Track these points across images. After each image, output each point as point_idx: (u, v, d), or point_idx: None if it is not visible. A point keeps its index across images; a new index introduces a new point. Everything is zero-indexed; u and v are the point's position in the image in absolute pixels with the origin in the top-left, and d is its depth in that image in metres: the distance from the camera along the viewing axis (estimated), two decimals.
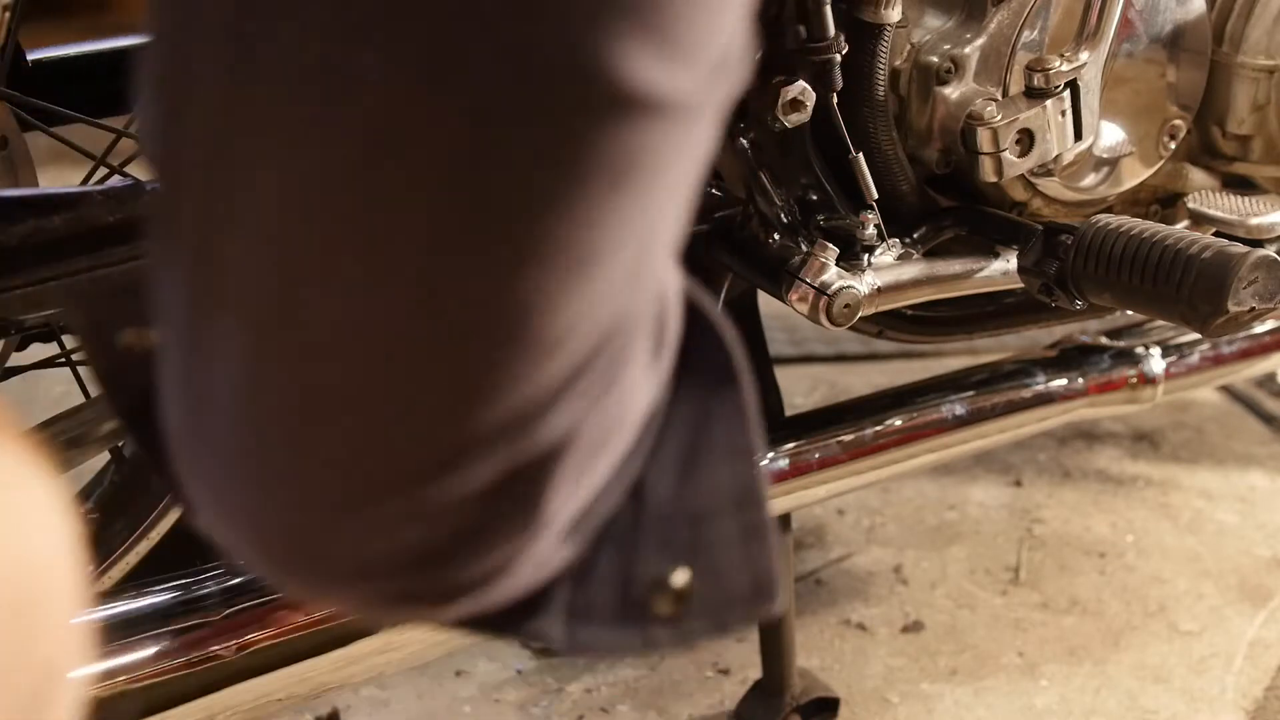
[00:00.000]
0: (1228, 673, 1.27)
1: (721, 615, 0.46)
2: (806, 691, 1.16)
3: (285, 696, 0.80)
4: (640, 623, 0.45)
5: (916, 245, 0.99)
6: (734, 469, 0.46)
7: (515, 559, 0.41)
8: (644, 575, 0.45)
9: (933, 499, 1.56)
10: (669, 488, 0.45)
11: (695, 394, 0.46)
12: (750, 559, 0.46)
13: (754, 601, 0.46)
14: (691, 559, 0.45)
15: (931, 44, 0.97)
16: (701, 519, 0.45)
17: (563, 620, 0.45)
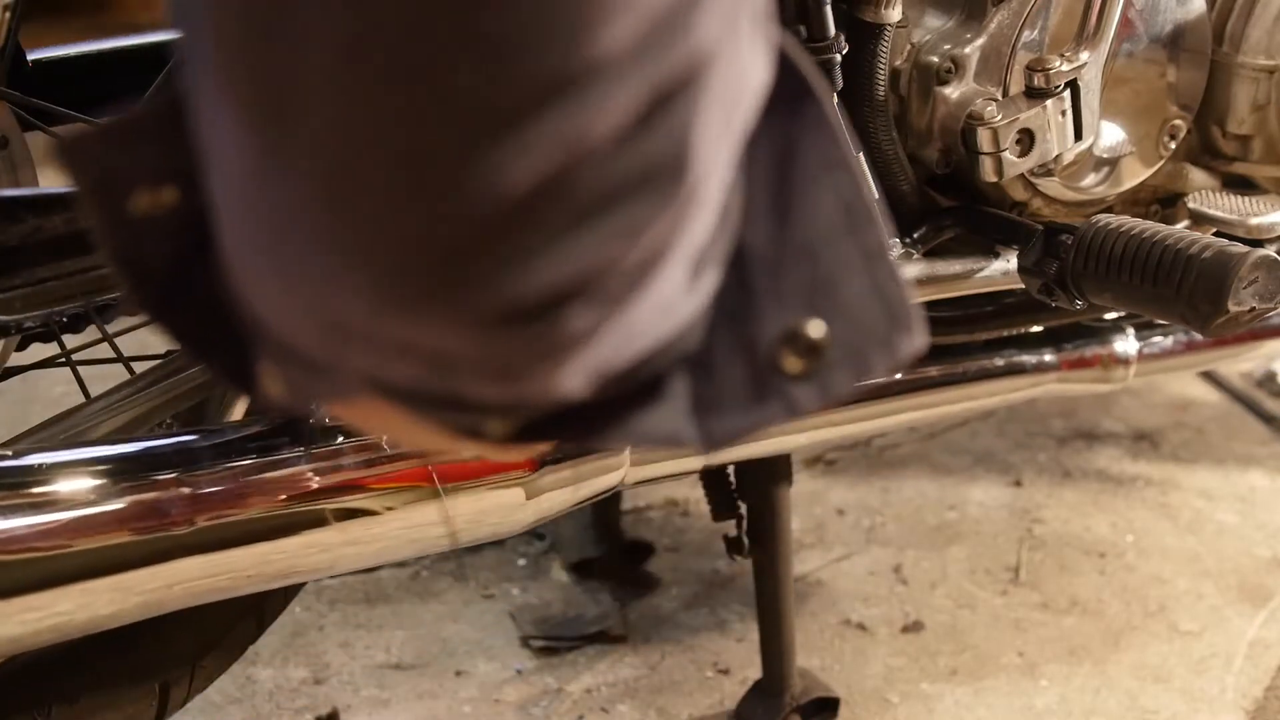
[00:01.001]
0: (1228, 673, 1.27)
1: (861, 357, 0.40)
2: (806, 691, 1.16)
3: (253, 573, 0.80)
4: (778, 389, 0.40)
5: (916, 245, 0.99)
6: (835, 184, 0.40)
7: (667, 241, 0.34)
8: (767, 336, 0.40)
9: (933, 499, 1.56)
10: (768, 232, 0.40)
11: (768, 120, 0.39)
12: (877, 285, 0.40)
13: (892, 334, 0.40)
14: (813, 302, 0.40)
15: (932, 44, 0.97)
16: (813, 252, 0.40)
17: (689, 416, 0.40)
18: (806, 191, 0.40)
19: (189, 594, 0.79)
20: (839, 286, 0.40)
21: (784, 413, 0.40)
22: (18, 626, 0.74)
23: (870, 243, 0.40)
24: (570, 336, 0.34)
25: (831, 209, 0.40)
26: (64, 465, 0.76)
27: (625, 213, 0.33)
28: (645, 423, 0.40)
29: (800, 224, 0.40)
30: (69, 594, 0.75)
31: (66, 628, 0.76)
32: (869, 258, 0.40)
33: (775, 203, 0.40)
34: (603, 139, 0.31)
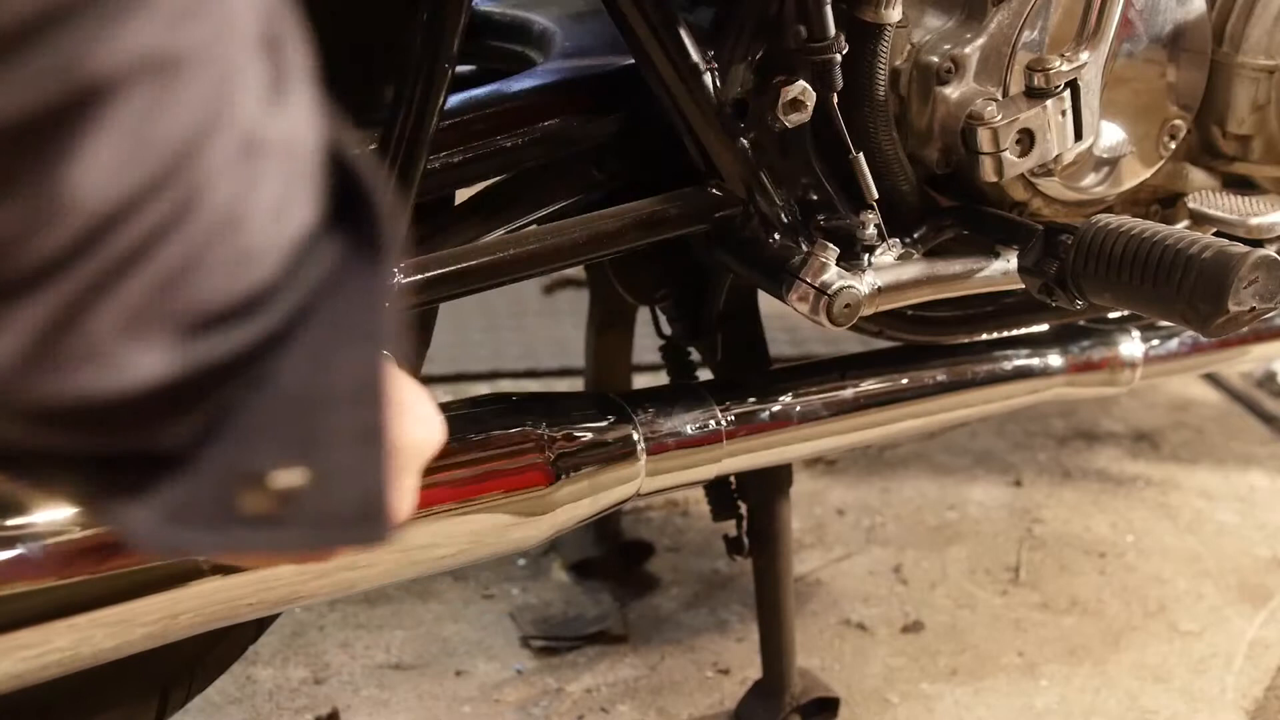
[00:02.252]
0: (1228, 673, 1.27)
1: (321, 526, 0.41)
2: (806, 691, 1.16)
3: (254, 601, 0.79)
4: (228, 522, 0.40)
5: (917, 245, 0.99)
6: (358, 354, 0.41)
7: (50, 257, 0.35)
8: (243, 469, 0.40)
9: (933, 499, 1.56)
10: (299, 376, 0.40)
11: (348, 277, 0.41)
12: (363, 467, 0.41)
13: (360, 520, 0.41)
14: (302, 454, 0.40)
15: (932, 44, 0.97)
16: (317, 408, 0.40)
17: (158, 513, 0.40)
18: (338, 352, 0.41)
19: (192, 624, 0.79)
20: (327, 452, 0.41)
21: (227, 546, 0.41)
22: (20, 664, 0.73)
23: (369, 423, 0.41)
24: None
25: (348, 376, 0.41)
26: None
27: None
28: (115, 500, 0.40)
29: (321, 380, 0.41)
30: (87, 621, 0.74)
31: (71, 662, 0.76)
32: (364, 437, 0.41)
33: (316, 352, 0.41)
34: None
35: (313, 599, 0.84)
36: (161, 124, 0.35)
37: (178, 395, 0.39)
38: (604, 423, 0.94)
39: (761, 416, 1.01)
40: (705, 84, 0.91)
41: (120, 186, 0.35)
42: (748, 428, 1.01)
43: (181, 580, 0.76)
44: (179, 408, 0.39)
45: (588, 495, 0.91)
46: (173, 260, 0.37)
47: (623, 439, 0.94)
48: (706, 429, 0.99)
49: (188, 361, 0.38)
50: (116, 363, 0.37)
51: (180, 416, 0.40)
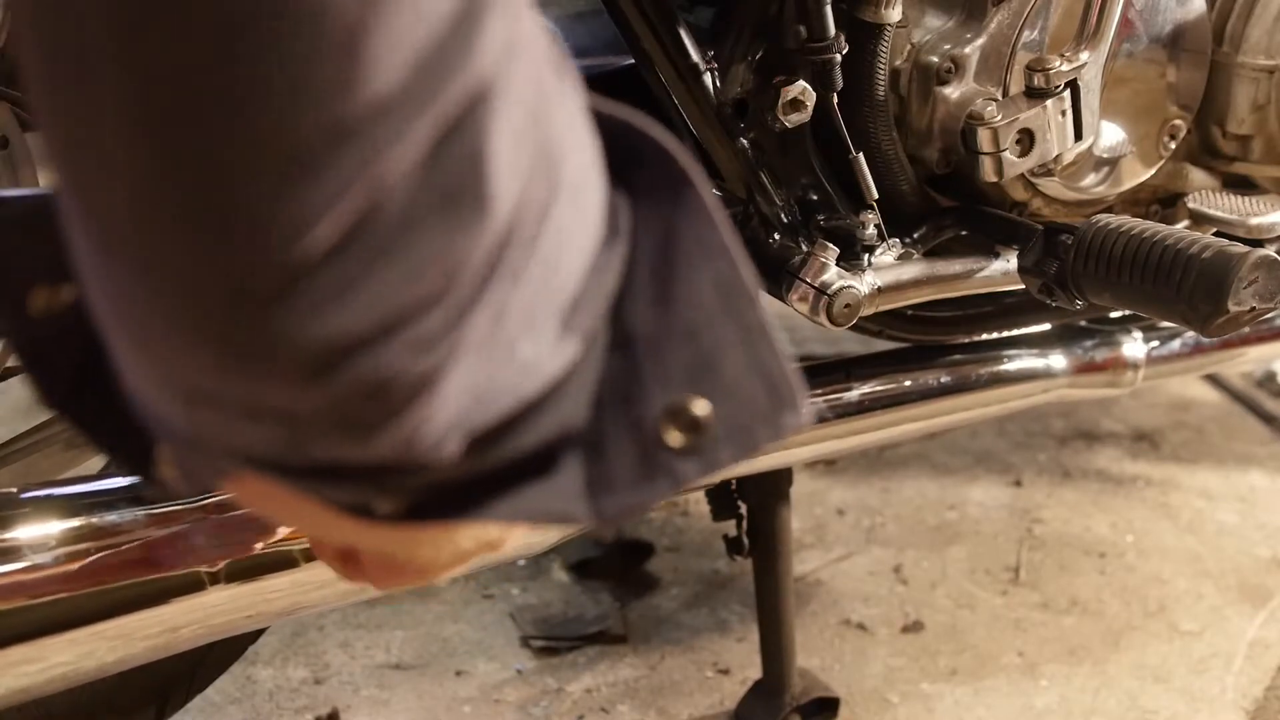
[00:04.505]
0: (1228, 673, 1.27)
1: (745, 432, 0.42)
2: (806, 691, 1.16)
3: (254, 613, 0.79)
4: (664, 465, 0.41)
5: (917, 245, 0.99)
6: (713, 268, 0.41)
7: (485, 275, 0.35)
8: (652, 413, 0.41)
9: (933, 499, 1.56)
10: (651, 316, 0.41)
11: (649, 209, 0.42)
12: (758, 362, 0.42)
13: (775, 411, 0.42)
14: (695, 380, 0.41)
15: (932, 44, 0.97)
16: (694, 333, 0.41)
17: (582, 495, 0.41)
18: (686, 276, 0.41)
19: (194, 636, 0.79)
20: (720, 365, 0.41)
21: (670, 487, 0.41)
22: (24, 679, 0.73)
23: (750, 322, 0.42)
24: (399, 378, 0.34)
25: (710, 292, 0.41)
26: (66, 502, 0.75)
27: (429, 244, 0.33)
28: (537, 500, 0.41)
29: (681, 307, 0.41)
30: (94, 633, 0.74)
31: (74, 676, 0.75)
32: (749, 337, 0.42)
33: (657, 287, 0.41)
34: (395, 175, 0.32)
35: (314, 609, 0.83)
36: (522, 108, 0.35)
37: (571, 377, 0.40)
38: None
39: None
40: (705, 84, 0.91)
41: (517, 179, 0.35)
42: None
43: (182, 593, 0.76)
44: (573, 384, 0.40)
45: None
46: (551, 242, 0.37)
47: None
48: None
49: (578, 338, 0.39)
50: (534, 363, 0.38)
51: (572, 392, 0.40)
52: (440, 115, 0.32)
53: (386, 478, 0.38)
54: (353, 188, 0.32)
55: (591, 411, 0.41)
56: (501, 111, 0.34)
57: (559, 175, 0.37)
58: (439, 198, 0.33)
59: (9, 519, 0.73)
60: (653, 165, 0.42)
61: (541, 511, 0.41)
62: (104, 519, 0.74)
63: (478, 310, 0.35)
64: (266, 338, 0.33)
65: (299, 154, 0.31)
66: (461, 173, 0.33)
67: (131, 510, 0.75)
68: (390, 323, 0.33)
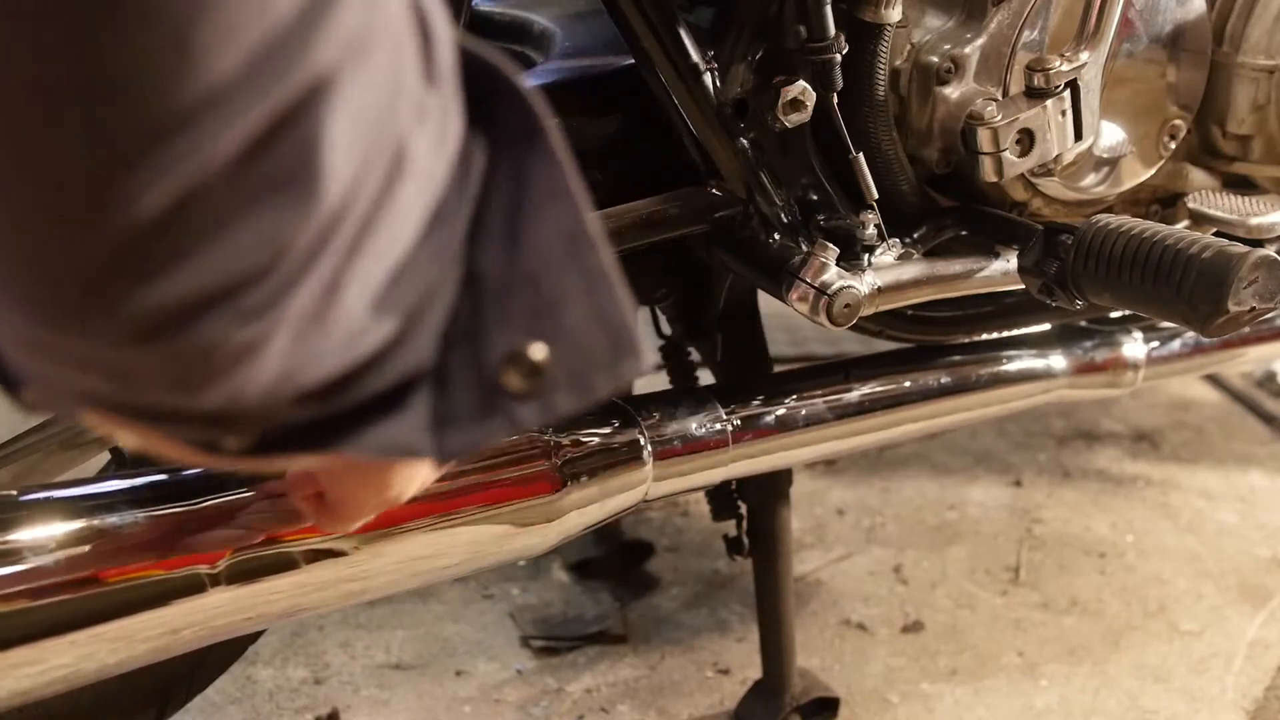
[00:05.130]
0: (1228, 673, 1.27)
1: (583, 380, 0.42)
2: (806, 691, 1.16)
3: (255, 615, 0.79)
4: (502, 407, 0.42)
5: (916, 245, 0.99)
6: (558, 214, 0.42)
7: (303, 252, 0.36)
8: (494, 356, 0.42)
9: (933, 499, 1.56)
10: (499, 258, 0.42)
11: (504, 151, 0.42)
12: (599, 310, 0.42)
13: (615, 359, 0.43)
14: (536, 325, 0.42)
15: (932, 44, 0.97)
16: (536, 278, 0.42)
17: (427, 430, 0.42)
18: (533, 221, 0.42)
19: (196, 637, 0.78)
20: (561, 311, 0.42)
21: (506, 428, 0.42)
22: (23, 680, 0.73)
23: (591, 268, 0.42)
24: (222, 346, 0.36)
25: (555, 237, 0.42)
26: (64, 504, 0.75)
27: (255, 226, 0.35)
28: (381, 435, 0.42)
29: (527, 251, 0.42)
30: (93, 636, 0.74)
31: (74, 678, 0.75)
32: (591, 282, 0.42)
33: (507, 231, 0.42)
34: (225, 161, 0.34)
35: (315, 611, 0.83)
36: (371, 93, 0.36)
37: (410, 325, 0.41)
38: (609, 428, 0.94)
39: (767, 420, 1.01)
40: (705, 84, 0.91)
41: (351, 164, 0.36)
42: (754, 432, 1.00)
43: (183, 595, 0.76)
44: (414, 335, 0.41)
45: (595, 501, 0.91)
46: (390, 220, 0.38)
47: (629, 444, 0.94)
48: (712, 433, 0.98)
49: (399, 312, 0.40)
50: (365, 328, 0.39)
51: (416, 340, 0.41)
52: (274, 105, 0.34)
53: (220, 422, 0.40)
54: (179, 168, 0.33)
55: (440, 348, 0.42)
56: (340, 102, 0.35)
57: (405, 157, 0.38)
58: (268, 182, 0.35)
59: (8, 521, 0.73)
60: (510, 108, 0.43)
61: (385, 445, 0.42)
62: (104, 521, 0.74)
63: (304, 285, 0.37)
64: (94, 303, 0.35)
65: (128, 138, 0.32)
66: (292, 160, 0.35)
67: (131, 512, 0.75)
68: (214, 294, 0.35)
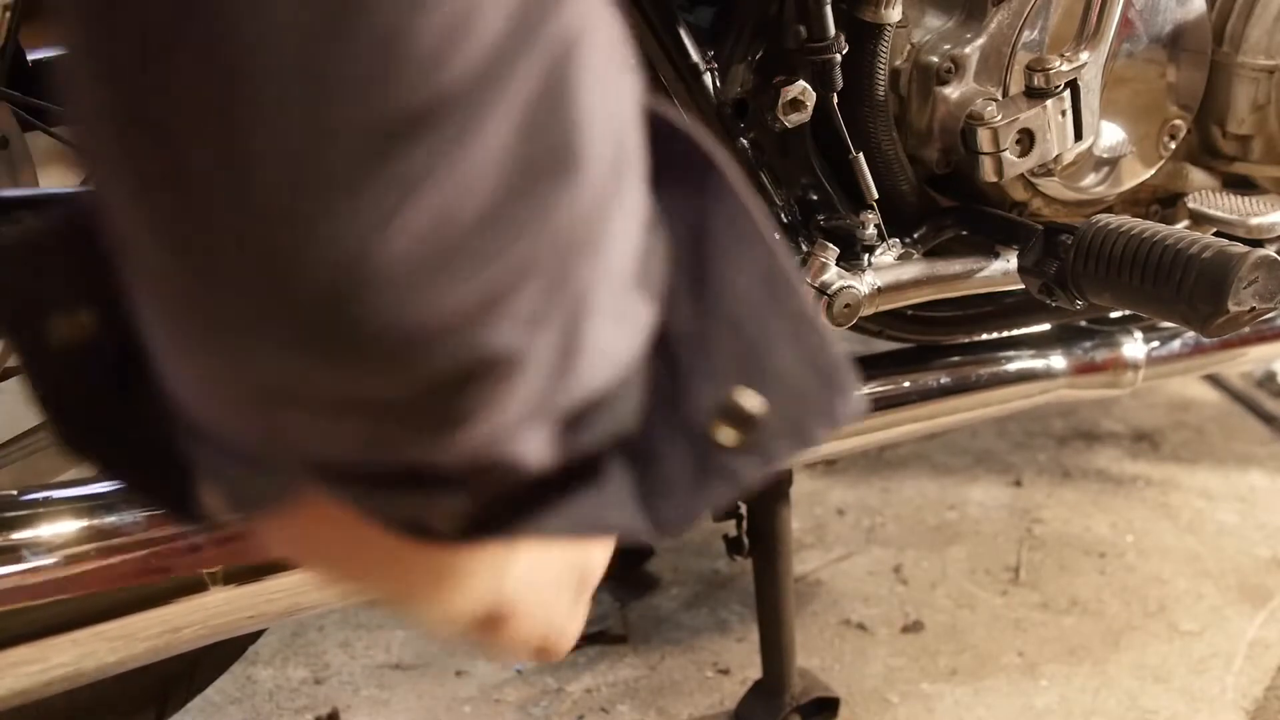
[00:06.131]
0: (1228, 673, 1.27)
1: (800, 424, 0.40)
2: (806, 691, 1.16)
3: (256, 614, 0.79)
4: (719, 466, 0.39)
5: (916, 245, 0.99)
6: (751, 257, 0.39)
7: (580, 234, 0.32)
8: (702, 412, 0.39)
9: (933, 499, 1.56)
10: (690, 311, 0.39)
11: (676, 199, 0.39)
12: (808, 352, 0.40)
13: (828, 400, 0.40)
14: (743, 373, 0.39)
15: (932, 44, 0.97)
16: (738, 325, 0.39)
17: (635, 505, 0.39)
18: (723, 267, 0.39)
19: (195, 636, 0.78)
20: (768, 356, 0.40)
21: (728, 489, 0.40)
22: (24, 679, 0.73)
23: (794, 310, 0.40)
24: (487, 363, 0.32)
25: (751, 282, 0.40)
26: (66, 504, 0.75)
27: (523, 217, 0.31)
28: (592, 512, 0.39)
29: (721, 299, 0.39)
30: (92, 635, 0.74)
31: (75, 677, 0.75)
32: (796, 325, 0.40)
33: (693, 281, 0.39)
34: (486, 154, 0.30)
35: (315, 609, 0.83)
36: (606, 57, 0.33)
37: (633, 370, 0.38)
38: None
39: None
40: (705, 84, 0.91)
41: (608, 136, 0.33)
42: None
43: (183, 594, 0.76)
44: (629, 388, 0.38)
45: None
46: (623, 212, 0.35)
47: None
48: None
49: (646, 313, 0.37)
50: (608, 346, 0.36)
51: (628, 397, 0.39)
52: (533, 71, 0.30)
53: (465, 477, 0.36)
54: (437, 172, 0.30)
55: (639, 416, 0.39)
56: (589, 62, 0.32)
57: (628, 140, 0.34)
58: (531, 166, 0.31)
59: (9, 521, 0.73)
60: (676, 152, 0.39)
61: (599, 522, 0.39)
62: (104, 520, 0.74)
63: (568, 286, 0.33)
64: (356, 325, 0.31)
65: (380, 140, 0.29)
66: (554, 136, 0.31)
67: (132, 512, 0.75)
68: (483, 303, 0.32)
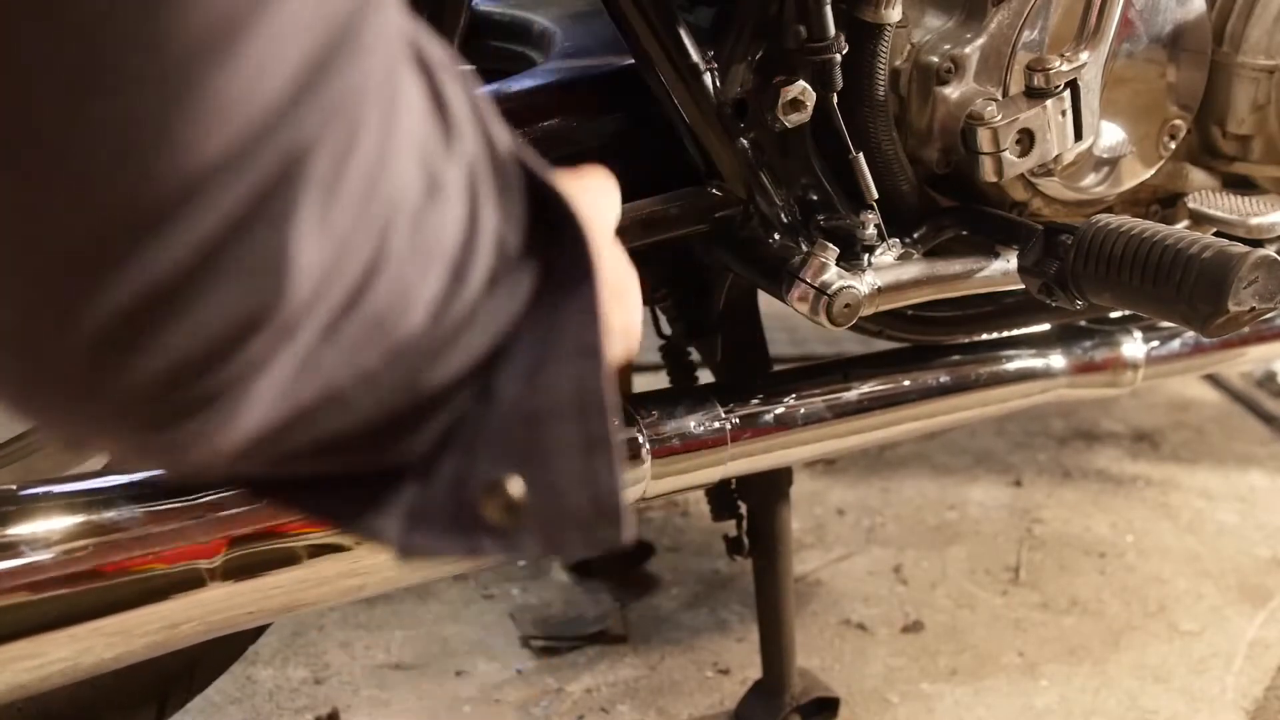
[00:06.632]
0: (1228, 673, 1.27)
1: (556, 532, 0.43)
2: (806, 691, 1.16)
3: (254, 610, 0.79)
4: (471, 529, 0.43)
5: (916, 245, 0.99)
6: (578, 369, 0.42)
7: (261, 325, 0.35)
8: (478, 479, 0.42)
9: (933, 499, 1.56)
10: (517, 389, 0.43)
11: (552, 286, 0.43)
12: (590, 474, 0.43)
13: (594, 523, 0.43)
14: (526, 465, 0.42)
15: (932, 44, 0.97)
16: (539, 421, 0.43)
17: (401, 520, 0.43)
18: (555, 367, 0.43)
19: (193, 633, 0.78)
20: (551, 460, 0.43)
21: (466, 550, 0.43)
22: (22, 674, 0.73)
23: (594, 433, 0.43)
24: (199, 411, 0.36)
25: (569, 390, 0.42)
26: (64, 499, 0.75)
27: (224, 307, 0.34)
28: (362, 514, 0.43)
29: (539, 391, 0.43)
30: (94, 629, 0.74)
31: (72, 673, 0.75)
32: (589, 447, 0.43)
33: (531, 363, 0.43)
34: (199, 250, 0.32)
35: (313, 606, 0.83)
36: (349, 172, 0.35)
37: (411, 416, 0.41)
38: None
39: (766, 419, 1.01)
40: (705, 84, 0.91)
41: (329, 247, 0.35)
42: (752, 430, 1.01)
43: (182, 589, 0.76)
44: (412, 426, 0.42)
45: None
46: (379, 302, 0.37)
47: (627, 442, 0.94)
48: (711, 431, 0.98)
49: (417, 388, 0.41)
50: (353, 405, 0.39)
51: (413, 434, 0.42)
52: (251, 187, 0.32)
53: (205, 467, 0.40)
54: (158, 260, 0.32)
55: (436, 447, 0.43)
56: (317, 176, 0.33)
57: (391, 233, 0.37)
58: (240, 267, 0.33)
59: (8, 516, 0.73)
60: (569, 245, 0.43)
61: (357, 526, 0.43)
62: (103, 515, 0.74)
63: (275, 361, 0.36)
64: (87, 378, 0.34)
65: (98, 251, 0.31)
66: (263, 250, 0.33)
67: (131, 507, 0.75)
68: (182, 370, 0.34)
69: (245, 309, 0.34)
